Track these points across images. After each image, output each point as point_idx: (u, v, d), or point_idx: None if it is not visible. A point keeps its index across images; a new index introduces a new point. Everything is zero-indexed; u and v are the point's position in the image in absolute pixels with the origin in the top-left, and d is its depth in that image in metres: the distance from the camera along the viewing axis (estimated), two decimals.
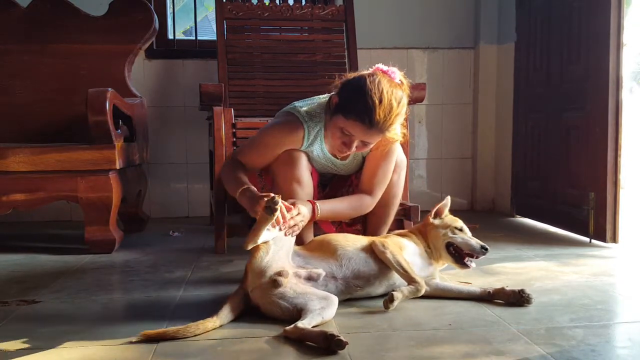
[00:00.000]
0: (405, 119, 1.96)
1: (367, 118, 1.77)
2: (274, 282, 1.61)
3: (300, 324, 1.49)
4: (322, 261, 1.76)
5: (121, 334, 1.55)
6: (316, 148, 1.99)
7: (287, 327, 1.49)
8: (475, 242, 1.89)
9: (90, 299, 1.91)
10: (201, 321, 1.56)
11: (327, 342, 1.40)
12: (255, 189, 1.83)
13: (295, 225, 1.74)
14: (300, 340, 1.46)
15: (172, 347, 1.46)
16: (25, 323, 1.67)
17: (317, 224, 2.13)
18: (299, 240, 1.90)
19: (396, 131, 1.89)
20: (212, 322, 1.56)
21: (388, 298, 1.69)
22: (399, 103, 1.80)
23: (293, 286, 1.63)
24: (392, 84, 1.82)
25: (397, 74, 1.86)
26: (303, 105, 1.99)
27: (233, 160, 2.01)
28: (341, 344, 1.38)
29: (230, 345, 1.47)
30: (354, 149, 1.87)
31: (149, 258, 2.54)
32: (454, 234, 1.91)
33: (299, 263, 1.75)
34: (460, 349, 1.44)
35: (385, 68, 1.86)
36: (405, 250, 1.83)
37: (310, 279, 1.69)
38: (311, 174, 1.98)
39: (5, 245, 2.83)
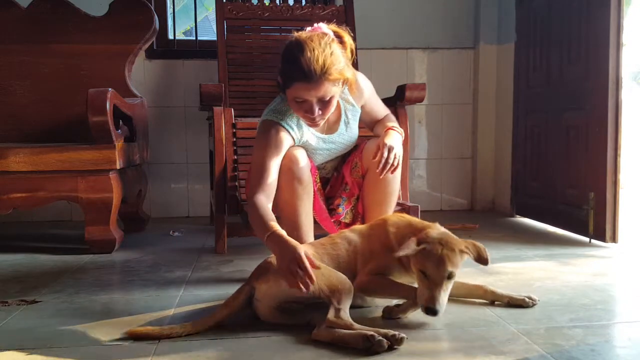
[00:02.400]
0: (352, 60, 1.92)
1: (300, 74, 1.76)
2: (287, 311, 1.58)
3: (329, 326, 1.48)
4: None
5: (121, 333, 1.55)
6: (308, 135, 1.98)
7: (315, 331, 1.48)
8: (427, 296, 1.56)
9: (90, 298, 1.92)
10: (187, 323, 1.55)
11: (368, 344, 1.38)
12: (284, 232, 1.67)
13: (392, 164, 1.90)
14: (333, 342, 1.44)
15: (173, 346, 1.46)
16: (26, 323, 1.67)
17: (319, 224, 2.12)
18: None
19: (340, 72, 1.80)
20: (198, 325, 1.54)
21: (388, 311, 1.64)
22: (320, 43, 1.78)
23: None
24: (311, 34, 1.82)
25: (324, 27, 1.88)
26: (270, 108, 2.00)
27: (251, 199, 1.82)
28: (382, 345, 1.38)
29: (230, 345, 1.47)
30: (317, 111, 1.83)
31: (149, 258, 2.55)
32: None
33: None
34: (460, 348, 1.44)
35: (309, 29, 1.88)
36: (390, 274, 1.70)
37: None
38: (310, 171, 1.98)
39: (5, 245, 2.83)
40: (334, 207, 2.17)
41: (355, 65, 3.11)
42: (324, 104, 1.84)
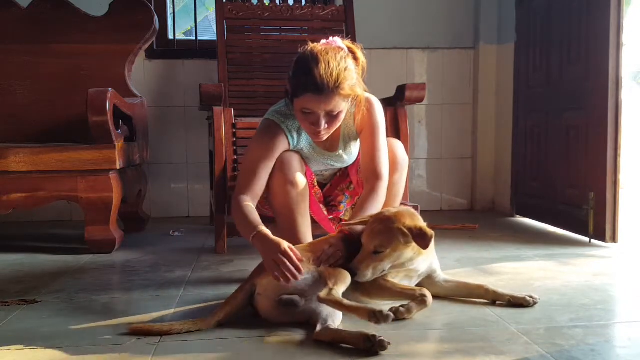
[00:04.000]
0: (362, 77, 1.89)
1: (312, 85, 1.74)
2: (289, 303, 1.58)
3: (331, 325, 1.48)
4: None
5: (121, 333, 1.55)
6: (304, 144, 1.97)
7: (317, 330, 1.48)
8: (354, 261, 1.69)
9: (90, 298, 1.92)
10: (189, 320, 1.57)
11: (369, 344, 1.38)
12: (269, 231, 1.73)
13: (329, 258, 1.67)
14: (334, 342, 1.44)
15: (173, 346, 1.46)
16: (26, 323, 1.67)
17: (318, 223, 2.12)
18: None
19: (352, 88, 1.79)
20: (199, 323, 1.56)
21: (394, 312, 1.60)
22: (336, 57, 1.77)
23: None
24: (327, 47, 1.81)
25: (339, 41, 1.86)
26: (274, 108, 1.98)
27: (237, 199, 1.87)
28: (384, 345, 1.38)
29: (230, 345, 1.47)
30: (323, 125, 1.80)
31: (149, 258, 2.55)
32: None
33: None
34: (460, 348, 1.44)
35: (324, 41, 1.86)
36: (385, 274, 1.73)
37: None
38: (305, 174, 1.97)
39: (5, 245, 2.83)
40: (335, 203, 2.17)
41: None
42: (331, 118, 1.81)
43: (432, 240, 1.73)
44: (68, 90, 3.17)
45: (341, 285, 1.57)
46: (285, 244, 1.61)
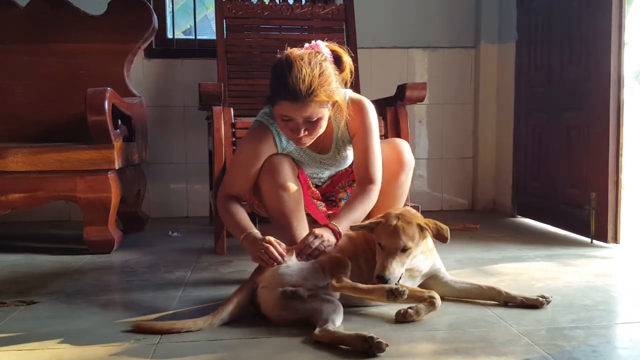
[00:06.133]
0: (350, 80, 1.87)
1: (287, 93, 1.72)
2: (294, 294, 1.57)
3: (330, 327, 1.47)
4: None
5: (120, 334, 1.55)
6: (294, 146, 1.94)
7: (316, 331, 1.46)
8: (379, 264, 1.67)
9: (89, 299, 1.91)
10: (190, 320, 1.57)
11: (367, 345, 1.37)
12: (258, 232, 1.78)
13: (315, 249, 1.70)
14: (333, 343, 1.43)
15: (172, 347, 1.45)
16: (24, 323, 1.66)
17: (316, 222, 2.10)
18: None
19: (328, 94, 1.75)
20: (200, 322, 1.57)
21: (402, 314, 1.62)
22: (310, 63, 1.73)
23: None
24: (302, 52, 1.77)
25: (321, 45, 1.83)
26: (265, 110, 1.96)
27: (223, 197, 1.91)
28: (382, 347, 1.37)
29: (229, 345, 1.46)
30: (303, 131, 1.78)
31: (148, 258, 2.54)
32: None
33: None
34: (461, 349, 1.43)
35: (307, 45, 1.83)
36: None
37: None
38: (298, 176, 1.94)
39: (4, 245, 2.82)
40: (335, 199, 2.15)
41: (356, 70, 3.09)
42: (311, 124, 1.78)
43: (432, 240, 1.77)
44: (67, 89, 3.16)
45: (345, 272, 1.62)
46: (269, 237, 1.71)
